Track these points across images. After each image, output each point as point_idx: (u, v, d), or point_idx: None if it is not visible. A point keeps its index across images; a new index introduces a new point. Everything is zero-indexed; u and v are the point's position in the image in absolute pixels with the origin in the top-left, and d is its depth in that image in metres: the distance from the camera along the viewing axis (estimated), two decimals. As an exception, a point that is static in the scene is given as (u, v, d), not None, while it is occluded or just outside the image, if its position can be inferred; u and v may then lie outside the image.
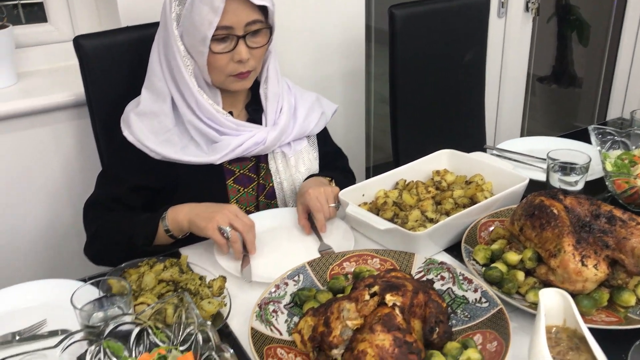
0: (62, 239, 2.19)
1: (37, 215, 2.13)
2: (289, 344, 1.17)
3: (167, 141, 1.59)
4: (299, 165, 1.75)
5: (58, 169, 2.11)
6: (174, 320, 1.13)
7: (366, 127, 3.05)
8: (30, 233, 2.13)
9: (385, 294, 1.11)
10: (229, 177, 1.68)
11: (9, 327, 1.26)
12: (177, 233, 1.52)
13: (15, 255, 2.13)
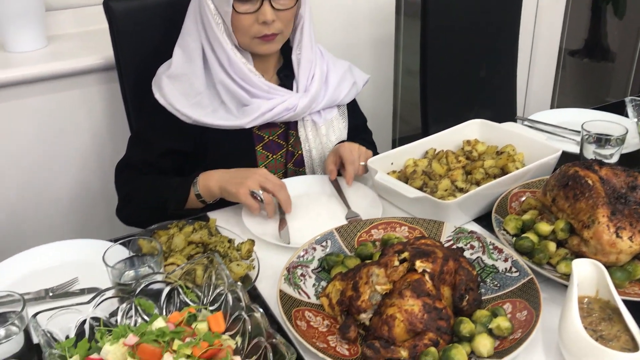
0: (91, 201, 2.22)
1: (67, 177, 2.16)
2: (317, 308, 1.18)
3: (197, 104, 1.59)
4: (330, 134, 1.74)
5: (87, 132, 2.12)
6: (203, 280, 1.14)
7: (393, 99, 3.02)
8: (60, 194, 2.16)
9: (415, 260, 1.11)
10: (258, 143, 1.68)
11: (42, 284, 1.28)
12: (208, 198, 1.53)
13: (47, 216, 2.17)
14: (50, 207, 2.16)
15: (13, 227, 2.13)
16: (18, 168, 2.06)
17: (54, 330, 1.01)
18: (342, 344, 1.08)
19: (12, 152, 2.03)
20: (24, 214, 2.13)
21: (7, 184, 2.06)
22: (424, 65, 2.29)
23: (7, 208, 2.10)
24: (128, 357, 0.97)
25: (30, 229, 2.15)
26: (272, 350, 0.95)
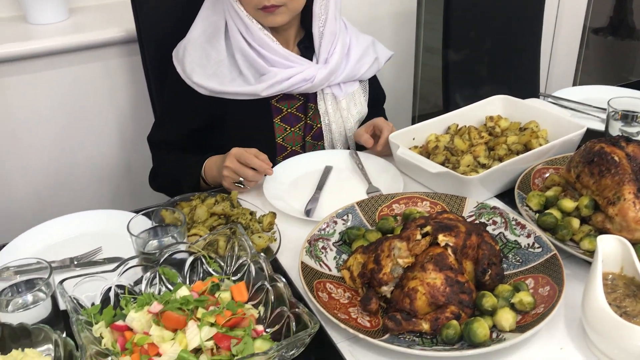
0: (113, 173, 2.24)
1: (89, 150, 2.17)
2: (338, 280, 1.18)
3: (215, 74, 1.59)
4: (351, 107, 1.72)
5: (109, 105, 2.13)
6: (226, 251, 1.15)
7: (414, 76, 2.99)
8: (82, 166, 2.18)
9: (437, 234, 1.10)
10: (276, 115, 1.67)
11: (66, 253, 1.30)
12: (215, 185, 1.56)
13: (70, 187, 2.19)
14: (72, 179, 2.19)
15: (36, 198, 2.16)
16: (40, 140, 2.08)
17: (80, 297, 1.03)
18: (363, 315, 1.09)
19: (34, 124, 2.05)
20: (47, 186, 2.16)
21: (30, 156, 2.09)
22: (446, 41, 2.26)
23: (30, 180, 2.12)
24: (153, 324, 0.99)
25: (52, 200, 2.17)
26: (295, 320, 0.96)
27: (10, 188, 2.10)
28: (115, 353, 0.97)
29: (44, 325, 0.96)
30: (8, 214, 2.12)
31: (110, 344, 0.98)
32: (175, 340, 0.96)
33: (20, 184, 2.12)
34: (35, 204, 2.16)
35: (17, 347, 0.95)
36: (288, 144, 1.70)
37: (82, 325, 0.96)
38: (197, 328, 0.96)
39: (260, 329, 1.01)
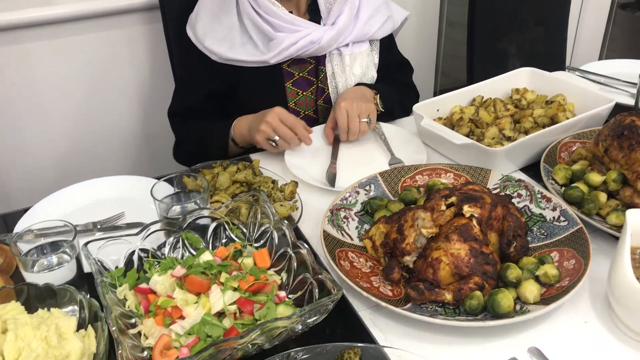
0: (134, 140, 2.25)
1: (110, 116, 2.18)
2: (360, 249, 1.18)
3: (225, 38, 1.58)
4: (354, 66, 1.68)
5: (130, 72, 2.13)
6: (249, 218, 1.14)
7: (437, 51, 2.95)
8: (103, 133, 2.19)
9: (462, 205, 1.09)
10: (287, 80, 1.66)
11: (89, 218, 1.31)
12: (244, 144, 1.55)
13: (91, 153, 2.20)
14: (93, 146, 2.20)
15: (57, 164, 2.17)
16: (62, 107, 2.09)
17: (104, 259, 1.04)
18: (385, 285, 1.08)
19: (56, 91, 2.05)
20: (68, 152, 2.17)
21: (51, 123, 2.10)
22: (472, 14, 2.21)
23: (52, 146, 2.14)
24: (176, 288, 0.99)
25: (73, 166, 2.19)
26: (318, 287, 0.96)
27: (32, 154, 2.12)
28: (139, 315, 0.98)
29: (69, 286, 0.97)
30: (30, 179, 2.14)
31: (134, 306, 0.99)
32: (198, 303, 0.96)
33: (42, 150, 2.13)
34: (57, 170, 2.18)
35: (42, 307, 0.96)
36: (300, 108, 1.69)
37: (107, 287, 0.97)
38: (220, 292, 0.96)
39: (282, 295, 1.01)
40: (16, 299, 0.96)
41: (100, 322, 0.90)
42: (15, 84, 1.98)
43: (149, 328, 0.94)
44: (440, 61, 3.33)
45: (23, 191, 2.16)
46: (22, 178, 2.14)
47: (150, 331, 0.94)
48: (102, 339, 0.88)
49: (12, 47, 1.92)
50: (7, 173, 2.11)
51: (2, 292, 0.96)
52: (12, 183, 2.14)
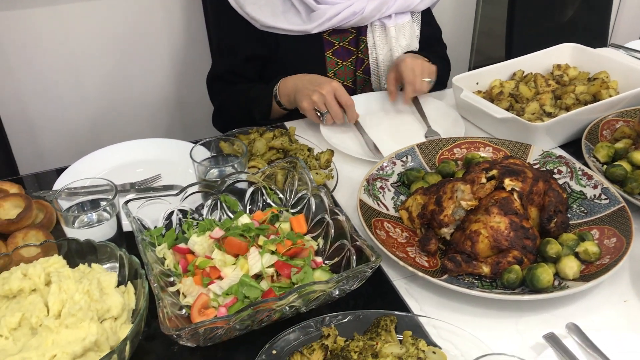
0: (166, 106, 2.26)
1: (144, 80, 2.18)
2: (395, 220, 1.17)
3: (266, 5, 1.56)
4: (400, 38, 1.66)
5: (165, 37, 2.12)
6: (286, 185, 1.14)
7: (473, 28, 2.90)
8: (136, 98, 2.20)
9: (504, 179, 1.07)
10: (328, 49, 1.64)
11: (126, 178, 1.32)
12: (289, 105, 1.53)
13: (125, 116, 2.22)
14: (126, 110, 2.21)
15: (91, 127, 2.19)
16: (96, 68, 2.10)
17: (144, 218, 1.05)
18: (421, 255, 1.08)
19: (90, 54, 2.06)
20: (101, 116, 2.19)
21: (86, 86, 2.11)
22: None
23: (86, 108, 2.15)
24: (215, 249, 1.00)
25: (106, 130, 2.21)
26: (356, 254, 0.96)
27: (65, 116, 2.14)
28: (177, 274, 0.99)
29: (110, 242, 0.98)
30: (63, 140, 2.17)
31: (172, 265, 1.00)
32: (236, 265, 0.97)
33: (76, 112, 2.15)
34: (89, 133, 2.20)
35: (83, 262, 0.97)
36: (339, 78, 1.67)
37: (147, 245, 0.98)
38: (258, 255, 0.97)
39: (319, 261, 1.01)
40: (58, 253, 0.98)
41: (140, 279, 0.91)
42: (50, 45, 1.99)
43: (187, 287, 0.95)
44: (475, 38, 3.27)
45: (56, 152, 2.18)
46: (56, 139, 2.16)
47: (189, 290, 0.95)
48: (142, 295, 0.89)
49: (47, 9, 1.93)
50: (41, 133, 2.13)
51: (44, 246, 0.98)
52: (46, 143, 2.17)
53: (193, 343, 0.86)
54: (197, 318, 0.90)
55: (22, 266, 0.93)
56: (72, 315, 0.83)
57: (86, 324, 0.83)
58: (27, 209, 1.10)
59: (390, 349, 0.84)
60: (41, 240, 1.07)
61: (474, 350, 0.88)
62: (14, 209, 1.13)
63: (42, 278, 0.90)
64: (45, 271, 0.91)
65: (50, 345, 0.81)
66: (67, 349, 0.80)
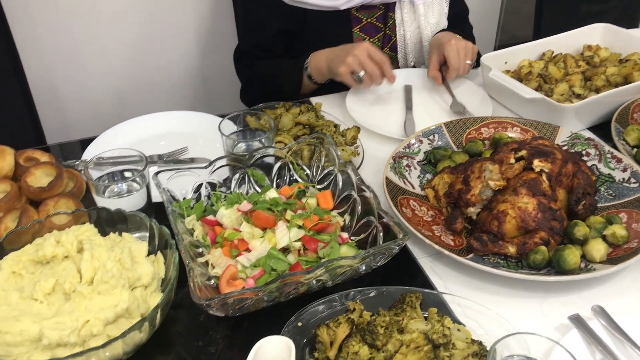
0: (189, 80, 2.27)
1: (168, 55, 2.19)
2: (421, 198, 1.17)
3: None
4: (429, 15, 1.64)
5: (190, 10, 2.12)
6: (313, 160, 1.15)
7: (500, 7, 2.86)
8: (160, 71, 2.21)
9: (533, 159, 1.07)
10: (355, 25, 1.62)
11: (153, 150, 1.33)
12: (320, 79, 1.52)
13: (149, 90, 2.23)
14: (150, 83, 2.22)
15: (115, 99, 2.21)
16: (121, 40, 2.10)
17: (173, 190, 1.06)
18: (446, 234, 1.08)
19: (115, 24, 2.06)
20: (126, 88, 2.20)
21: (111, 57, 2.12)
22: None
23: (111, 80, 2.17)
24: (243, 222, 1.01)
25: (131, 102, 2.22)
26: (383, 230, 0.96)
27: (90, 87, 2.15)
28: (206, 245, 1.01)
29: (140, 212, 0.99)
30: (87, 111, 2.19)
31: (201, 236, 1.02)
32: (264, 238, 0.98)
33: (100, 84, 2.16)
34: (113, 105, 2.21)
35: (113, 231, 0.99)
36: None
37: (177, 216, 1.00)
38: (286, 229, 0.98)
39: (345, 236, 1.02)
40: (89, 221, 0.99)
41: (170, 250, 0.92)
42: (77, 16, 1.99)
43: (216, 258, 0.97)
44: (501, 17, 3.22)
45: (81, 123, 2.20)
46: (80, 110, 2.18)
47: (217, 261, 0.96)
48: (172, 264, 0.91)
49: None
50: (67, 104, 2.15)
51: (76, 214, 0.99)
52: (71, 114, 2.18)
53: (222, 313, 0.87)
54: (226, 289, 0.92)
55: (55, 233, 0.95)
56: (104, 282, 0.85)
57: (118, 292, 0.85)
58: (58, 178, 1.12)
59: (416, 325, 0.85)
60: (71, 209, 1.09)
61: (498, 329, 0.88)
62: (45, 177, 1.15)
63: (75, 245, 0.92)
64: (77, 239, 0.93)
65: (83, 310, 0.83)
66: (99, 315, 0.82)
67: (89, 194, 1.18)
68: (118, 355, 0.81)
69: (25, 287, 0.87)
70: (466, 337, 0.86)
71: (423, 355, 0.81)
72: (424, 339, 0.82)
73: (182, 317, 0.97)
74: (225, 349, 0.93)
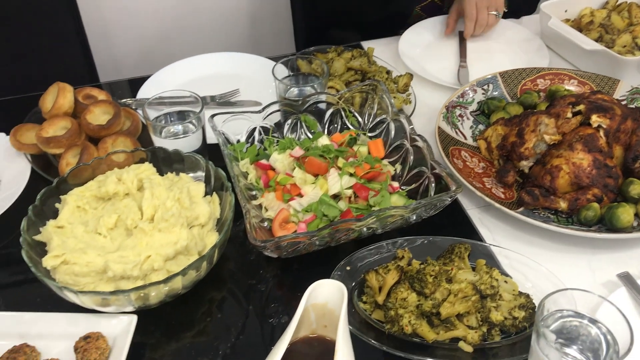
0: (237, 20, 2.25)
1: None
2: (473, 149, 1.17)
3: None
4: None
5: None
6: (365, 108, 1.15)
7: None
8: (208, 10, 2.19)
9: (591, 115, 1.05)
10: None
11: (205, 91, 1.34)
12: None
13: (197, 30, 2.22)
14: (198, 23, 2.21)
15: (162, 37, 2.21)
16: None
17: (227, 133, 1.08)
18: (497, 187, 1.08)
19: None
20: (174, 28, 2.20)
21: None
22: None
23: (159, 20, 2.17)
24: (296, 167, 1.03)
25: (179, 42, 2.22)
26: (435, 181, 0.97)
27: (140, 28, 2.16)
28: (258, 188, 1.03)
29: (197, 154, 1.02)
30: (136, 50, 2.20)
31: (254, 180, 1.04)
32: (316, 184, 1.00)
33: (150, 25, 2.16)
34: (161, 43, 2.22)
35: (170, 171, 1.02)
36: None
37: (232, 158, 1.02)
38: (338, 176, 0.99)
39: (395, 186, 1.03)
40: (147, 160, 1.03)
41: (227, 192, 0.95)
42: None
43: (269, 201, 0.99)
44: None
45: (129, 62, 2.22)
46: (129, 49, 2.20)
47: (270, 204, 0.99)
48: (227, 206, 0.93)
49: None
50: (116, 43, 2.17)
51: (136, 154, 1.02)
52: (120, 53, 2.20)
53: (276, 254, 0.90)
54: (279, 231, 0.94)
55: (116, 171, 0.98)
56: (164, 220, 0.89)
57: (177, 229, 0.88)
58: (117, 116, 1.15)
59: (465, 276, 0.86)
60: (128, 147, 1.13)
61: (545, 283, 0.89)
62: (103, 115, 1.18)
63: (135, 183, 0.96)
64: (137, 177, 0.96)
65: (144, 246, 0.87)
66: (160, 251, 0.86)
67: (143, 133, 1.21)
68: (177, 289, 0.86)
69: (89, 222, 0.92)
70: (513, 289, 0.87)
71: (470, 305, 0.83)
72: (472, 290, 0.83)
73: (233, 257, 1.01)
74: (275, 288, 0.96)
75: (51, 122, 1.14)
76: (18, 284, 0.99)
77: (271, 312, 0.92)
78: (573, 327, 0.75)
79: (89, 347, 0.82)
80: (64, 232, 0.90)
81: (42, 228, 0.92)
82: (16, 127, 1.17)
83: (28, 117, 1.24)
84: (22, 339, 0.85)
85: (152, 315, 0.90)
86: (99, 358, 0.82)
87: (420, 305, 0.84)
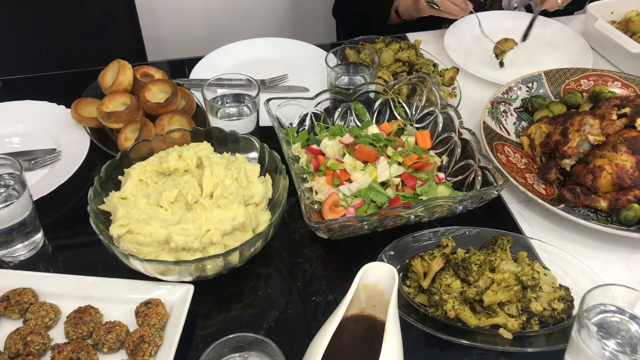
0: (281, 5, 2.27)
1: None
2: (516, 145, 1.20)
3: None
4: None
5: None
6: (414, 99, 1.18)
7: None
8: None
9: (636, 118, 1.07)
10: None
11: (256, 74, 1.37)
12: (407, 17, 1.54)
13: (243, 15, 2.26)
14: (244, 7, 2.24)
15: (207, 20, 2.25)
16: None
17: (281, 117, 1.12)
18: (539, 183, 1.11)
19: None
20: (219, 8, 2.23)
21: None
22: None
23: (205, 5, 2.20)
24: (346, 154, 1.07)
25: (224, 27, 2.26)
26: (482, 175, 1.00)
27: (186, 13, 2.19)
28: (309, 172, 1.07)
29: (253, 136, 1.06)
30: (180, 31, 2.24)
31: (305, 163, 1.08)
32: (365, 171, 1.04)
33: (196, 9, 2.20)
34: (206, 26, 2.26)
35: (226, 151, 1.06)
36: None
37: (286, 142, 1.06)
38: (387, 164, 1.03)
39: (442, 177, 1.07)
40: (204, 139, 1.07)
41: (280, 174, 0.99)
42: None
43: (320, 185, 1.03)
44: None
45: (173, 42, 2.26)
46: (174, 29, 2.24)
47: (321, 188, 1.03)
48: (281, 187, 0.98)
49: None
50: (163, 23, 2.21)
51: (194, 132, 1.07)
52: (166, 35, 2.24)
53: (326, 235, 0.95)
54: (328, 214, 0.99)
55: (176, 148, 1.03)
56: (223, 197, 0.94)
57: (235, 207, 0.93)
58: (174, 95, 1.20)
59: (508, 266, 0.90)
60: (184, 125, 1.17)
61: (582, 278, 0.93)
62: (160, 93, 1.22)
63: (194, 161, 1.00)
64: (197, 155, 1.01)
65: (204, 221, 0.92)
66: (219, 226, 0.91)
67: (196, 112, 1.25)
68: (234, 263, 0.91)
69: (151, 195, 0.97)
70: (552, 282, 0.91)
71: (512, 294, 0.87)
72: (515, 280, 0.87)
73: (279, 236, 1.05)
74: (319, 268, 1.01)
75: (111, 97, 1.19)
76: (78, 250, 1.05)
77: (315, 290, 0.97)
78: (613, 322, 0.78)
79: (150, 312, 0.88)
80: (127, 203, 0.95)
81: (106, 198, 0.97)
82: (77, 100, 1.22)
83: (86, 91, 1.29)
84: (86, 301, 0.91)
85: (207, 286, 0.95)
86: (158, 323, 0.87)
87: (464, 292, 0.88)
